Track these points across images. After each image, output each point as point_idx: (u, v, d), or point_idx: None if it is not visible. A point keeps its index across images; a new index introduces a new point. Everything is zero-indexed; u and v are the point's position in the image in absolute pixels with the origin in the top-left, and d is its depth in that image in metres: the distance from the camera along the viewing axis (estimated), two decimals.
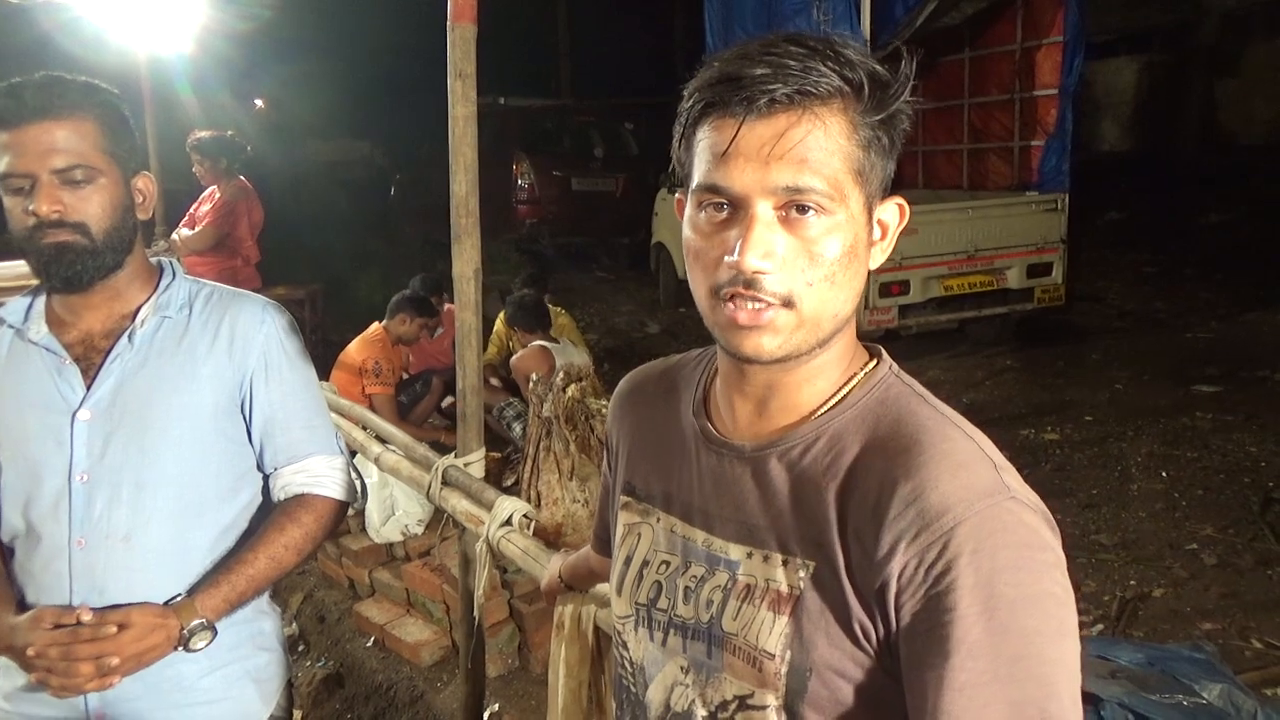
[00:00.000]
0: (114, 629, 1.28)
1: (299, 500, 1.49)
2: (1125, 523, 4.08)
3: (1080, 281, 7.77)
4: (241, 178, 5.39)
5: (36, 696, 1.37)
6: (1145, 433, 5.08)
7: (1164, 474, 4.55)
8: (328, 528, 1.51)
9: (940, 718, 0.70)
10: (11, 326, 1.42)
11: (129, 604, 1.32)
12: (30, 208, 1.28)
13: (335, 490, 1.52)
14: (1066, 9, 6.61)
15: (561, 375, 3.50)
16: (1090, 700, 1.91)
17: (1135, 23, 11.55)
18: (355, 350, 4.62)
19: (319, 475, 1.51)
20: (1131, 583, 3.54)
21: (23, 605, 1.36)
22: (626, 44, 16.45)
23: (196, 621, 1.34)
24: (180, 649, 1.34)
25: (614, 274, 11.19)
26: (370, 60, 16.54)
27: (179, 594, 1.37)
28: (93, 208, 1.32)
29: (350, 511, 4.12)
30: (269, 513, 1.50)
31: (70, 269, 1.32)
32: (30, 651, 1.26)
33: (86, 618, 1.28)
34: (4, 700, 1.43)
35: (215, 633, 1.37)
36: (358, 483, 1.62)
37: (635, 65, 15.06)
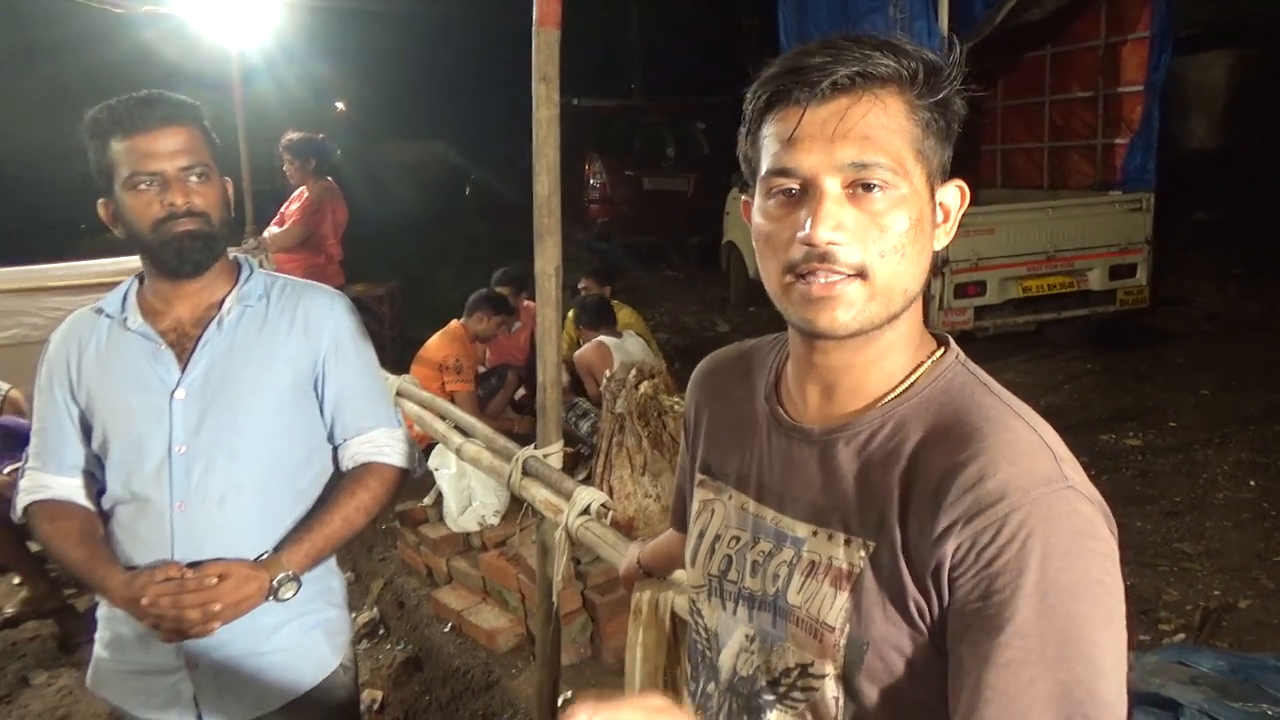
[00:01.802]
0: (215, 579, 1.44)
1: (366, 468, 1.65)
2: (1210, 532, 3.97)
3: (1166, 283, 7.53)
4: (329, 178, 5.59)
5: (134, 644, 1.54)
6: (1233, 440, 4.92)
7: (1252, 483, 4.41)
8: (392, 492, 1.68)
9: (984, 691, 0.72)
10: (110, 316, 1.58)
11: (225, 559, 1.48)
12: (165, 200, 1.45)
13: (398, 459, 1.68)
14: (1154, 3, 6.42)
15: (634, 372, 3.55)
16: (1170, 705, 1.88)
17: (1226, 15, 11.10)
18: (435, 347, 4.75)
19: (383, 445, 1.67)
20: (1216, 593, 3.44)
21: (127, 564, 1.51)
22: (698, 44, 16.46)
23: (284, 574, 1.50)
24: (270, 599, 1.49)
25: (684, 273, 11.22)
26: (444, 62, 16.87)
27: (266, 550, 1.53)
28: (211, 200, 1.51)
29: (428, 502, 4.19)
30: (336, 480, 1.66)
31: (199, 253, 1.50)
32: (144, 601, 1.41)
33: (188, 575, 1.45)
34: (103, 649, 1.60)
35: (300, 584, 1.52)
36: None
37: (707, 65, 15.03)
